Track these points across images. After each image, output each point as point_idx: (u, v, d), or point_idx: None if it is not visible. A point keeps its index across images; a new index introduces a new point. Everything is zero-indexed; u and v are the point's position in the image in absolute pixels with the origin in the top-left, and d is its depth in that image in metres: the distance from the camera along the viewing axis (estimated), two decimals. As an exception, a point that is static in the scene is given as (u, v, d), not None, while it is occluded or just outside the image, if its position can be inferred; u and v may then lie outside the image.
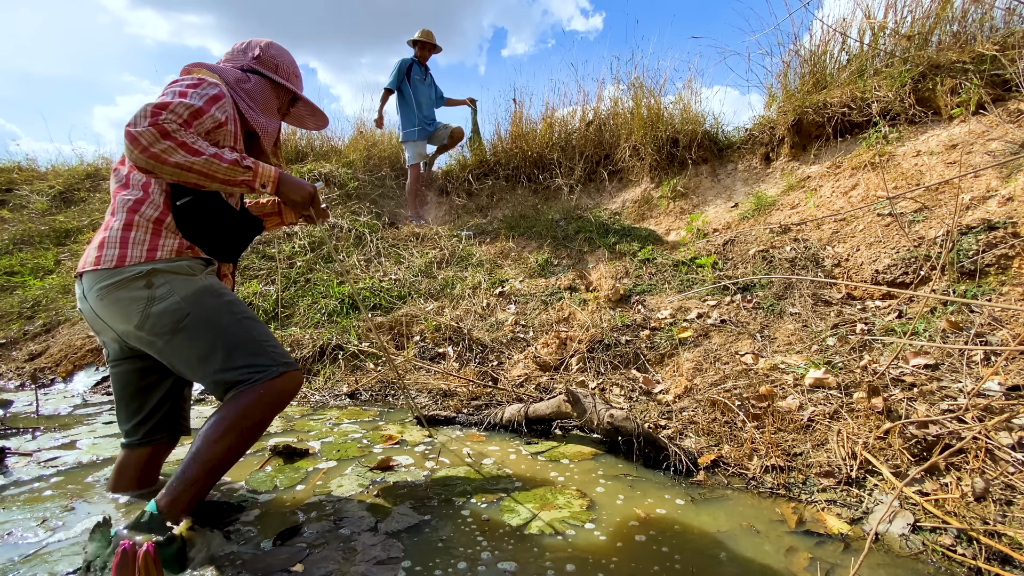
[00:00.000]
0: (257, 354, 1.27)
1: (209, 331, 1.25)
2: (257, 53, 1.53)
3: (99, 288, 1.25)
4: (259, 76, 1.52)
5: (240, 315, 1.30)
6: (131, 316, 1.23)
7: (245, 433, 1.21)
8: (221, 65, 1.49)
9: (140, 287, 1.23)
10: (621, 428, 1.72)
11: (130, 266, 1.24)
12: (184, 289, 1.26)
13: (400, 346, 3.01)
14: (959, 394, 1.66)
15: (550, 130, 5.10)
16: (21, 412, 2.46)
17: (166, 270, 1.26)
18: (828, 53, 4.00)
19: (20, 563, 1.11)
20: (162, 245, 1.28)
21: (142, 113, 1.14)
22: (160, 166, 1.16)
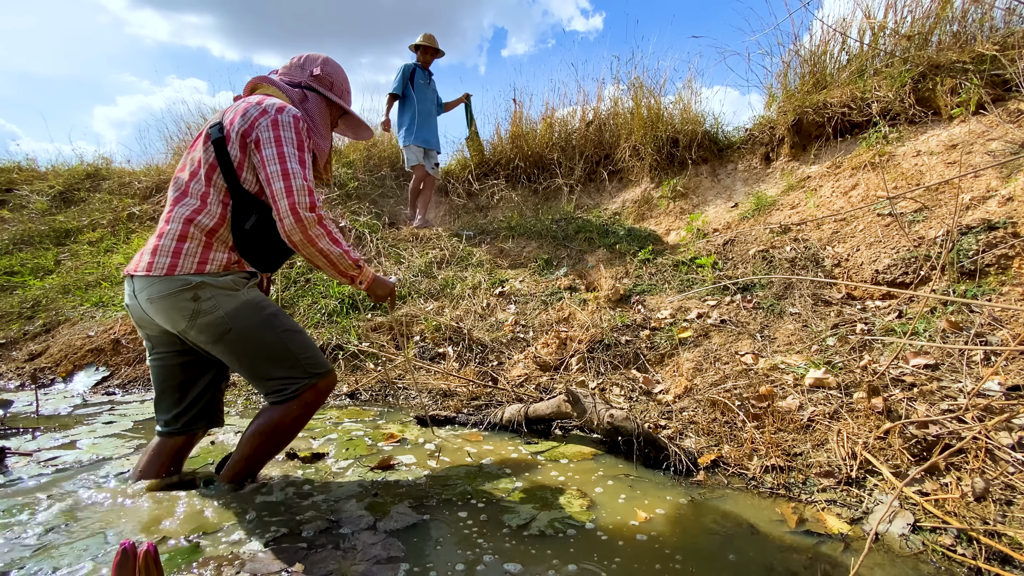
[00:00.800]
0: (292, 367, 1.40)
1: (249, 345, 1.38)
2: (316, 72, 1.59)
3: (148, 292, 1.34)
4: (315, 94, 1.58)
5: (279, 328, 1.40)
6: (178, 322, 1.35)
7: (276, 438, 1.44)
8: (280, 82, 1.55)
9: (187, 299, 1.32)
10: (621, 428, 1.72)
11: (180, 275, 1.33)
12: (228, 304, 1.35)
13: (400, 346, 3.01)
14: (959, 394, 1.66)
15: (550, 130, 5.10)
16: (21, 412, 2.46)
17: (213, 284, 1.35)
18: (828, 53, 4.01)
19: (27, 559, 1.11)
20: (212, 259, 1.36)
21: (301, 190, 1.32)
22: (308, 246, 1.36)
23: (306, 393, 1.41)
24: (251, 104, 1.39)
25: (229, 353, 1.38)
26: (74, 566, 1.10)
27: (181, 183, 1.40)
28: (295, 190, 1.32)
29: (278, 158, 1.33)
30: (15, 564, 1.11)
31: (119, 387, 2.92)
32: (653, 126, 4.50)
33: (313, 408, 1.45)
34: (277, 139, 1.34)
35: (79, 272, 4.52)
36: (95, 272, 4.46)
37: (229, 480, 1.47)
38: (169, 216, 1.37)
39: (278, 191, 1.31)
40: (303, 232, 1.33)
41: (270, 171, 1.33)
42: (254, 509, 1.37)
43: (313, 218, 1.34)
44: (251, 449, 1.44)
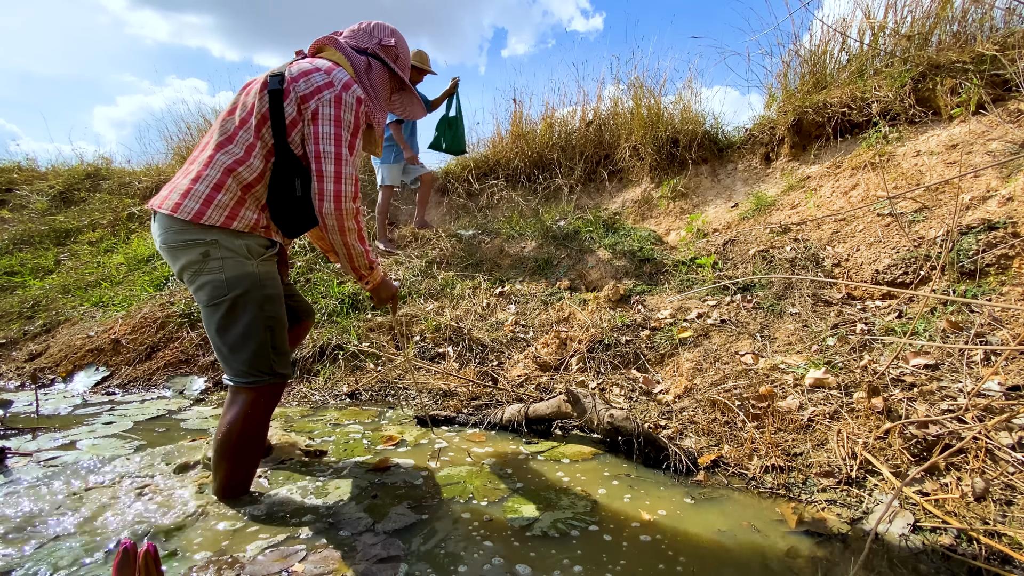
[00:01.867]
0: (260, 357, 1.36)
1: (233, 319, 1.33)
2: (385, 41, 1.56)
3: (165, 236, 1.33)
4: (380, 63, 1.56)
5: (266, 314, 1.36)
6: (181, 270, 1.35)
7: (251, 423, 1.37)
8: (347, 46, 1.51)
9: (197, 253, 1.30)
10: (621, 428, 1.72)
11: (203, 225, 1.29)
12: (232, 271, 1.31)
13: (400, 346, 3.01)
14: (959, 394, 1.66)
15: (550, 130, 5.09)
16: (21, 412, 2.46)
17: (227, 246, 1.31)
18: (828, 53, 4.00)
19: (27, 558, 1.11)
20: (241, 216, 1.33)
21: (352, 190, 1.34)
22: (337, 234, 1.37)
23: (264, 388, 1.37)
24: (319, 70, 1.36)
25: (211, 316, 1.34)
26: (74, 566, 1.10)
27: (228, 128, 1.35)
28: (344, 177, 1.32)
29: (334, 140, 1.32)
30: (22, 560, 1.11)
31: (119, 387, 2.92)
32: (653, 126, 4.50)
33: (265, 405, 1.39)
34: (337, 119, 1.32)
35: (79, 272, 4.52)
36: (95, 272, 4.46)
37: (223, 496, 1.41)
38: (210, 160, 1.32)
39: (328, 173, 1.31)
40: (339, 220, 1.34)
41: (323, 149, 1.31)
42: (254, 510, 1.37)
43: (353, 210, 1.35)
44: (218, 439, 1.37)
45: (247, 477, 1.43)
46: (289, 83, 1.33)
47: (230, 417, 1.35)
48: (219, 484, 1.41)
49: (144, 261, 4.42)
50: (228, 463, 1.38)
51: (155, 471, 1.65)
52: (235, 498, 1.41)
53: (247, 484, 1.44)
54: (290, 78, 1.34)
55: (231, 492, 1.41)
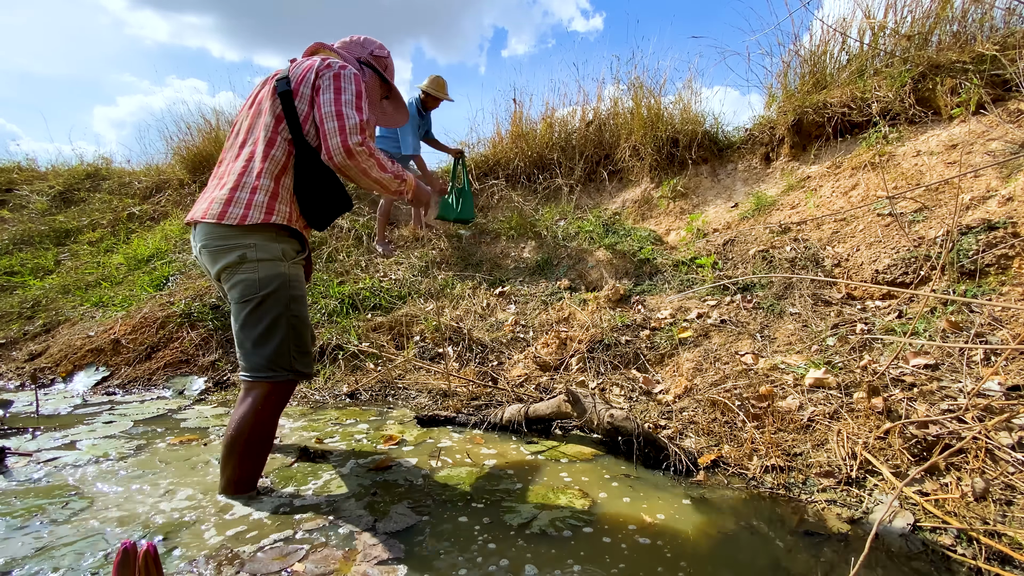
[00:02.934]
0: (281, 354, 1.42)
1: (260, 315, 1.41)
2: (376, 52, 1.74)
3: (205, 239, 1.41)
4: (371, 70, 1.71)
5: (292, 314, 1.44)
6: (218, 270, 1.42)
7: (260, 421, 1.40)
8: (343, 52, 1.65)
9: (236, 256, 1.39)
10: (621, 428, 1.72)
11: (244, 228, 1.38)
12: (266, 271, 1.40)
13: (400, 346, 3.01)
14: (959, 394, 1.66)
15: (550, 130, 5.09)
16: (21, 412, 2.46)
17: (264, 249, 1.40)
18: (828, 53, 4.00)
19: (27, 559, 1.11)
20: (277, 210, 1.42)
21: (353, 129, 1.37)
22: (361, 177, 1.42)
23: (279, 385, 1.42)
24: (318, 61, 1.47)
25: (240, 312, 1.42)
26: (74, 566, 1.10)
27: (250, 136, 1.47)
28: (347, 128, 1.37)
29: (334, 102, 1.39)
30: (21, 561, 1.11)
31: (119, 387, 2.92)
32: (653, 126, 4.50)
33: (276, 403, 1.44)
34: (337, 88, 1.41)
35: (79, 272, 4.53)
36: (95, 272, 4.46)
37: (232, 493, 1.43)
38: (244, 170, 1.42)
39: (330, 130, 1.37)
40: (356, 164, 1.39)
41: (324, 112, 1.38)
42: (254, 508, 1.37)
43: (364, 150, 1.39)
44: (230, 434, 1.40)
45: (254, 474, 1.45)
46: (296, 84, 1.44)
47: (242, 412, 1.39)
48: (226, 480, 1.42)
49: (144, 261, 4.43)
50: (237, 458, 1.40)
51: (154, 471, 1.65)
52: (241, 494, 1.42)
53: (254, 481, 1.45)
54: (296, 79, 1.45)
55: (238, 488, 1.43)
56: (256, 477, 1.46)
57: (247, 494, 1.43)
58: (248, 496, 1.44)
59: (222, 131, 5.69)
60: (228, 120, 5.80)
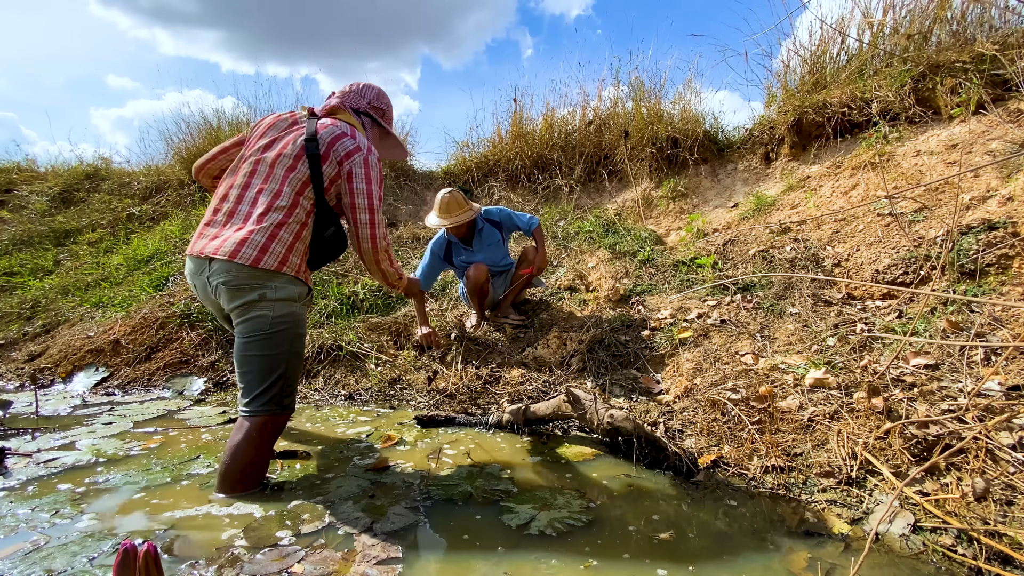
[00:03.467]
0: (277, 391, 1.51)
1: (266, 350, 1.50)
2: (376, 103, 1.86)
3: (226, 277, 1.49)
4: (370, 120, 1.85)
5: (293, 350, 1.55)
6: (233, 307, 1.51)
7: (256, 449, 1.48)
8: (351, 110, 1.79)
9: (256, 295, 1.49)
10: (621, 428, 1.72)
11: (261, 270, 1.48)
12: (280, 311, 1.51)
13: (400, 346, 3.00)
14: (959, 394, 1.65)
15: (550, 130, 5.10)
16: (21, 413, 2.46)
17: (282, 290, 1.52)
18: (828, 53, 4.01)
19: (20, 560, 1.11)
20: (290, 262, 1.53)
21: (383, 227, 1.67)
22: (375, 266, 1.72)
23: (267, 420, 1.49)
24: (346, 136, 1.61)
25: (246, 345, 1.50)
26: (74, 567, 1.10)
27: (267, 180, 1.56)
28: (378, 224, 1.64)
29: (367, 194, 1.61)
30: (16, 563, 1.11)
31: (119, 388, 2.92)
32: (653, 126, 4.50)
33: (271, 435, 1.51)
34: (368, 178, 1.61)
35: (79, 273, 4.53)
36: (95, 273, 4.46)
37: (220, 491, 1.47)
38: (263, 216, 1.51)
39: (364, 221, 1.62)
40: (376, 256, 1.68)
41: (359, 202, 1.60)
42: (253, 509, 1.37)
43: (386, 247, 1.69)
44: (226, 461, 1.47)
45: (248, 488, 1.49)
46: (327, 149, 1.57)
47: (237, 441, 1.46)
48: (221, 485, 1.47)
49: (144, 262, 4.42)
50: (230, 486, 1.46)
51: (153, 472, 1.65)
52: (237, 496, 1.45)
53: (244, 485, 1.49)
54: (327, 144, 1.58)
55: (224, 490, 1.47)
56: (255, 488, 1.50)
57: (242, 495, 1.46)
58: (247, 497, 1.43)
59: (222, 132, 5.68)
60: (229, 121, 5.80)
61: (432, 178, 5.60)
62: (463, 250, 3.04)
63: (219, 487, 1.46)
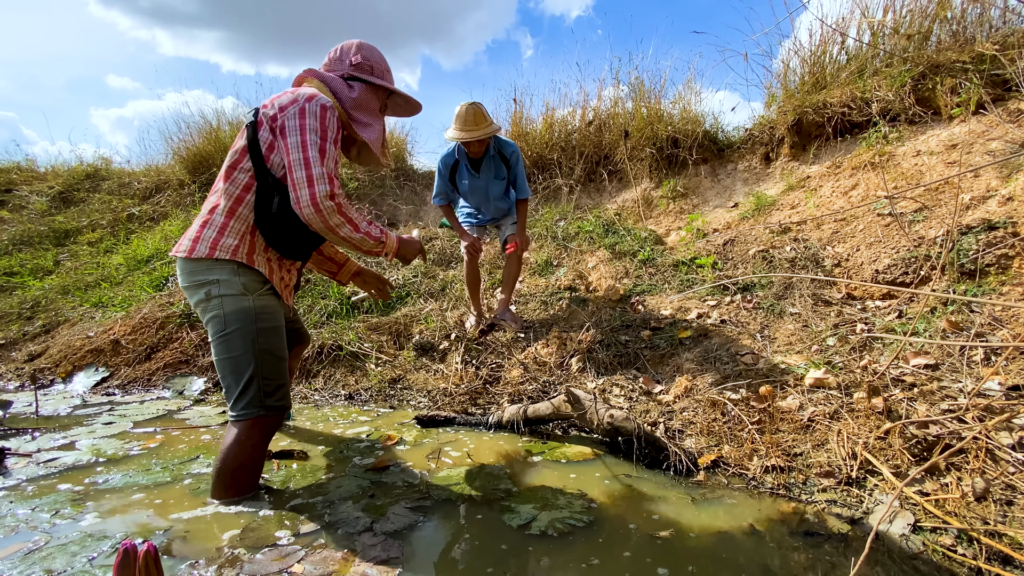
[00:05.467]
0: (246, 387, 1.42)
1: (229, 351, 1.42)
2: (354, 60, 1.63)
3: (180, 277, 1.47)
4: (359, 82, 1.62)
5: (259, 347, 1.44)
6: (194, 305, 1.48)
7: (231, 460, 1.41)
8: (327, 74, 1.61)
9: (202, 294, 1.43)
10: (621, 428, 1.72)
11: (204, 264, 1.42)
12: (231, 306, 1.42)
13: (400, 346, 3.00)
14: (959, 394, 1.65)
15: (550, 130, 5.09)
16: (21, 413, 2.46)
17: (226, 284, 1.41)
18: (828, 53, 4.01)
19: (20, 560, 1.11)
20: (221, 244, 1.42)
21: (325, 188, 1.37)
22: (330, 233, 1.42)
23: (252, 422, 1.42)
24: (285, 93, 1.47)
25: (214, 348, 1.45)
26: (74, 567, 1.10)
27: (221, 170, 1.48)
28: (315, 179, 1.36)
29: (300, 146, 1.37)
30: (15, 564, 1.11)
31: (118, 388, 2.92)
32: (653, 126, 4.50)
33: (260, 438, 1.44)
34: (301, 128, 1.39)
35: (79, 273, 4.53)
36: (95, 273, 4.46)
37: (213, 496, 1.43)
38: (209, 204, 1.47)
39: (298, 180, 1.36)
40: (323, 221, 1.39)
41: (292, 159, 1.38)
42: (253, 509, 1.37)
43: (332, 207, 1.38)
44: (217, 466, 1.42)
45: (247, 492, 1.44)
46: (261, 113, 1.45)
47: (227, 445, 1.41)
48: (214, 491, 1.42)
49: (144, 262, 4.43)
50: (223, 488, 1.41)
51: (153, 472, 1.65)
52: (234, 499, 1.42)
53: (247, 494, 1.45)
54: (262, 108, 1.45)
55: (217, 495, 1.43)
56: (248, 492, 1.45)
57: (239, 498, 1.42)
58: (246, 498, 1.43)
59: (223, 131, 5.69)
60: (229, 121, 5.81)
61: (432, 178, 5.59)
62: (467, 173, 2.88)
63: (212, 492, 1.41)
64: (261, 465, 1.48)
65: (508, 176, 2.93)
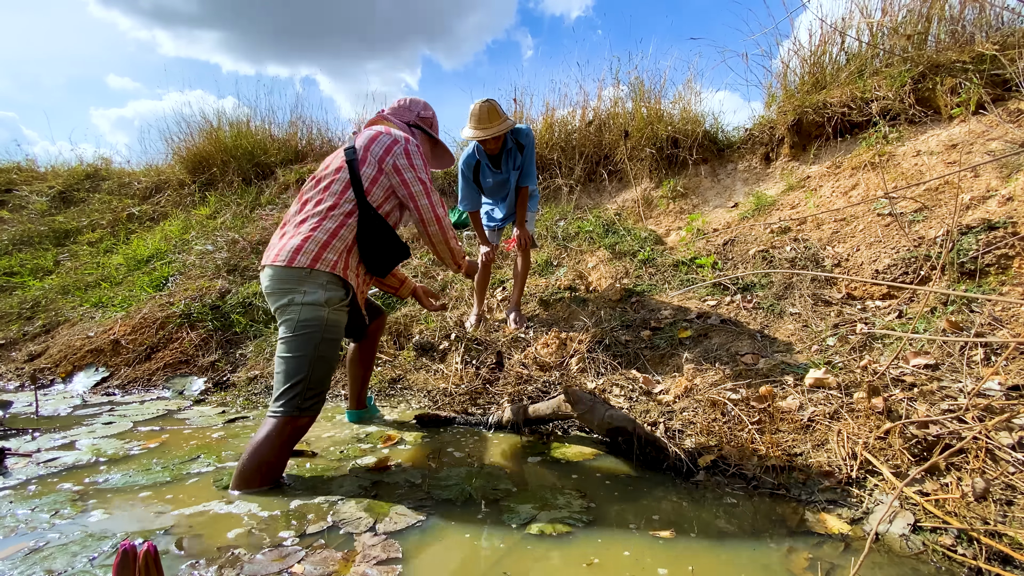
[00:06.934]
0: (292, 388, 1.54)
1: (292, 351, 1.56)
2: (423, 113, 1.97)
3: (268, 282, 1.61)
4: (420, 131, 1.95)
5: (319, 353, 1.57)
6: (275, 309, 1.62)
7: (258, 454, 1.51)
8: (395, 120, 1.90)
9: (287, 299, 1.58)
10: (621, 428, 1.72)
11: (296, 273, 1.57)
12: (306, 315, 1.56)
13: (400, 346, 3.00)
14: (959, 394, 1.65)
15: (550, 130, 5.09)
16: (21, 413, 2.46)
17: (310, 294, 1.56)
18: (827, 53, 4.01)
19: (20, 560, 1.11)
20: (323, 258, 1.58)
21: (444, 212, 1.75)
22: (443, 243, 1.79)
23: (287, 420, 1.52)
24: (383, 133, 1.72)
25: (279, 346, 1.59)
26: (74, 567, 1.10)
27: (315, 195, 1.67)
28: (436, 205, 1.73)
29: (420, 181, 1.71)
30: (15, 564, 1.11)
31: (119, 388, 2.92)
32: (653, 126, 4.50)
33: (290, 436, 1.54)
34: (413, 165, 1.70)
35: (79, 273, 4.52)
36: (95, 273, 4.46)
37: (235, 487, 1.49)
38: (304, 219, 1.64)
39: (424, 205, 1.70)
40: (444, 236, 1.77)
41: (414, 189, 1.69)
42: (253, 509, 1.37)
43: (449, 224, 1.77)
44: (245, 458, 1.51)
45: (263, 485, 1.52)
46: (364, 152, 1.68)
47: (259, 440, 1.50)
48: (237, 481, 1.50)
49: (144, 262, 4.42)
50: (245, 482, 1.49)
51: (152, 472, 1.65)
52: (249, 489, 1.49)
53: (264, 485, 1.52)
54: (361, 147, 1.69)
55: (238, 487, 1.50)
56: (268, 487, 1.52)
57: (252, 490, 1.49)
58: (247, 497, 1.44)
59: (223, 132, 5.68)
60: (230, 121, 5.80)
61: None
62: (489, 171, 2.88)
63: (234, 483, 1.48)
64: (285, 462, 1.56)
65: (524, 162, 2.87)
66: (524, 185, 2.91)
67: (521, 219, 2.94)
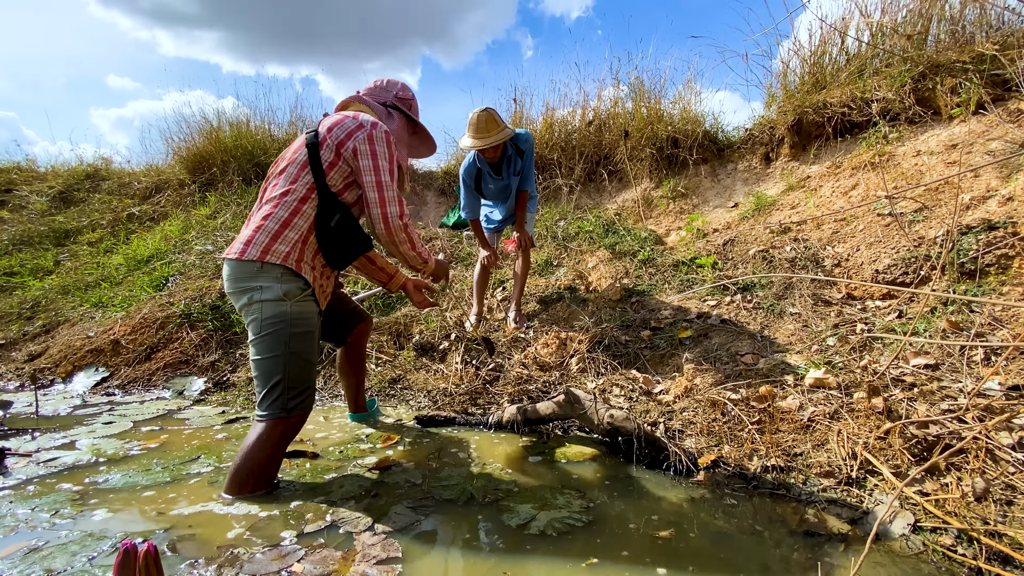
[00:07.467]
0: (273, 389, 1.49)
1: (263, 352, 1.49)
2: (400, 94, 1.84)
3: (226, 281, 1.55)
4: (399, 112, 1.83)
5: (290, 351, 1.50)
6: (239, 310, 1.55)
7: (250, 457, 1.46)
8: (370, 101, 1.77)
9: (246, 298, 1.50)
10: (621, 428, 1.72)
11: (245, 262, 1.49)
12: (268, 311, 1.49)
13: (400, 346, 3.00)
14: (959, 394, 1.65)
15: (550, 130, 5.09)
16: (21, 413, 2.46)
17: (267, 290, 1.48)
18: (827, 53, 4.01)
19: (20, 560, 1.11)
20: (273, 250, 1.49)
21: (396, 210, 1.56)
22: (391, 247, 1.61)
23: (275, 422, 1.47)
24: (348, 117, 1.58)
25: (251, 349, 1.52)
26: (74, 567, 1.10)
27: (273, 181, 1.60)
28: (388, 200, 1.55)
29: (374, 170, 1.54)
30: (15, 564, 1.11)
31: (118, 388, 2.92)
32: (653, 126, 4.50)
33: (280, 438, 1.49)
34: (373, 153, 1.54)
35: (79, 273, 4.52)
36: (95, 273, 4.46)
37: (228, 492, 1.46)
38: (258, 210, 1.56)
39: (373, 200, 1.54)
40: (391, 237, 1.58)
41: (366, 180, 1.54)
42: (253, 508, 1.37)
43: (400, 226, 1.58)
44: (236, 462, 1.47)
45: (254, 492, 1.48)
46: (324, 135, 1.55)
47: (249, 444, 1.47)
48: (230, 486, 1.46)
49: (144, 262, 4.42)
50: (238, 486, 1.45)
51: (152, 472, 1.65)
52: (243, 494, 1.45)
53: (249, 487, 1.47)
54: (324, 131, 1.56)
55: (231, 491, 1.46)
56: (262, 490, 1.49)
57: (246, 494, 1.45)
58: (247, 497, 1.44)
59: (223, 131, 5.68)
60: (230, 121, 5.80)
61: (432, 178, 5.60)
62: (491, 178, 2.90)
63: (227, 488, 1.44)
64: (278, 465, 1.52)
65: (524, 166, 2.88)
66: (524, 189, 2.94)
67: (521, 221, 2.97)
